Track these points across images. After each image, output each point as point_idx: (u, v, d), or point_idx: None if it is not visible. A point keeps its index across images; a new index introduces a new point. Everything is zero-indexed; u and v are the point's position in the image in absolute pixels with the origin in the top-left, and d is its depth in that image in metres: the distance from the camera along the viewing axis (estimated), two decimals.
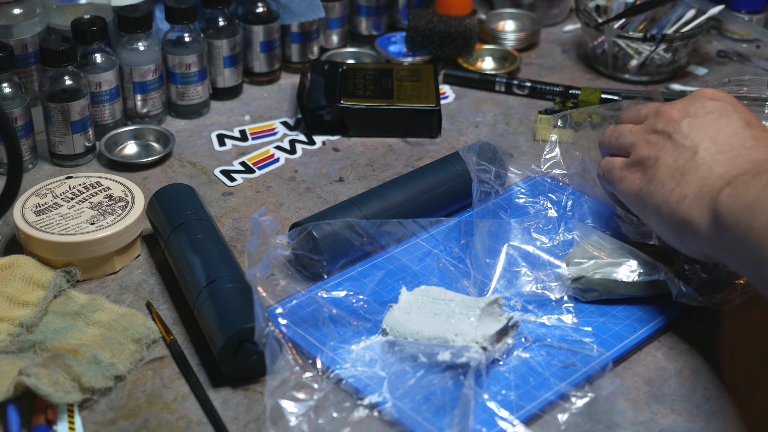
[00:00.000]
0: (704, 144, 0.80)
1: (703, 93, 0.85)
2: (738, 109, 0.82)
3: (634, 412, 0.76)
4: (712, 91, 0.85)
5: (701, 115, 0.82)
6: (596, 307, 0.85)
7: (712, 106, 0.82)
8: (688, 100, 0.84)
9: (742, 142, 0.79)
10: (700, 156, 0.79)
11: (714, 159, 0.78)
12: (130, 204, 0.92)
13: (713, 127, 0.80)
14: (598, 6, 1.27)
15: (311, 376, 0.77)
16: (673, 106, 0.84)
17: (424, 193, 0.96)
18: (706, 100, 0.83)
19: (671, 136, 0.82)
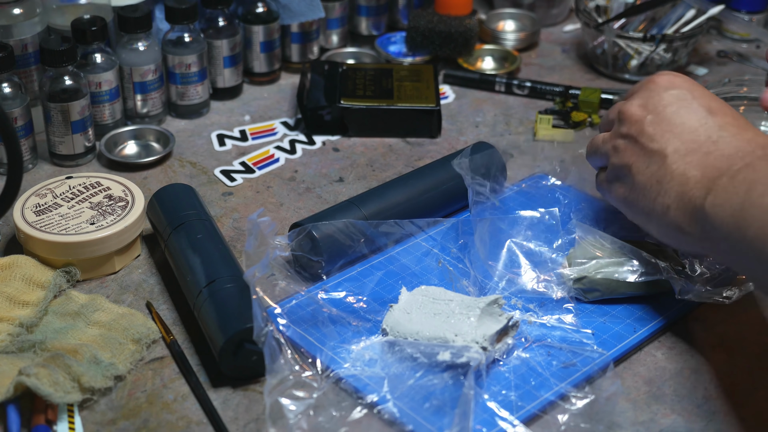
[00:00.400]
0: (672, 145, 0.78)
1: (659, 82, 0.82)
2: (697, 95, 0.80)
3: (634, 412, 0.76)
4: (668, 78, 0.82)
5: (661, 109, 0.80)
6: (596, 307, 0.85)
7: (670, 98, 0.81)
8: (646, 93, 0.82)
9: (709, 134, 0.77)
10: (671, 160, 0.78)
11: (685, 162, 0.77)
12: (130, 204, 0.92)
13: (676, 123, 0.79)
14: (598, 6, 1.27)
15: (311, 375, 0.77)
16: (632, 103, 0.82)
17: (424, 193, 0.96)
18: (663, 90, 0.81)
19: (637, 140, 0.81)
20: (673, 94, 0.81)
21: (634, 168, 0.81)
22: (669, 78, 0.82)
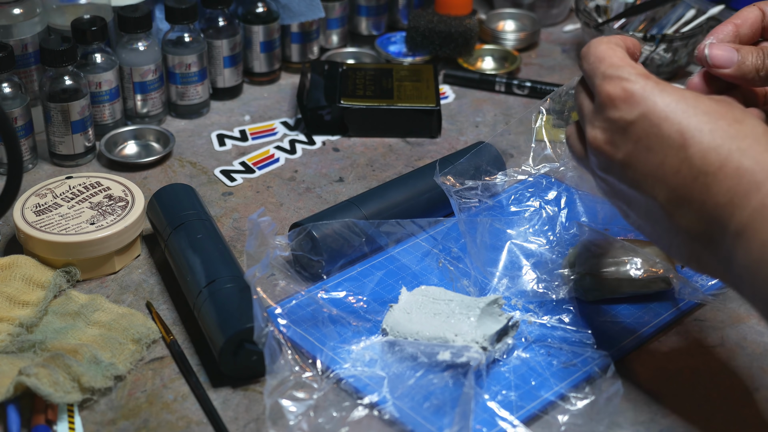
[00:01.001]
0: (661, 193, 0.66)
1: (615, 103, 0.67)
2: (660, 113, 0.66)
3: (634, 412, 0.76)
4: (622, 93, 0.67)
5: (631, 148, 0.67)
6: (596, 307, 0.85)
7: (637, 131, 0.67)
8: (606, 123, 0.68)
9: (693, 175, 0.64)
10: (668, 211, 0.66)
11: (684, 213, 0.65)
12: (130, 204, 0.92)
13: (654, 164, 0.66)
14: (598, 6, 1.27)
15: (311, 375, 0.77)
16: (596, 135, 0.69)
17: (424, 193, 0.96)
18: (624, 119, 0.67)
19: (621, 183, 0.69)
20: (637, 126, 0.66)
21: (633, 207, 0.70)
22: (622, 91, 0.67)
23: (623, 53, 0.70)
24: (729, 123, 0.64)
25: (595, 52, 0.70)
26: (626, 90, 0.67)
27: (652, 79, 0.68)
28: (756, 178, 0.62)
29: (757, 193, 0.61)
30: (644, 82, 0.67)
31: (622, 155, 0.68)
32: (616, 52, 0.70)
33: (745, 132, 0.64)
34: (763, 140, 0.63)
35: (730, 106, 0.66)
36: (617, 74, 0.68)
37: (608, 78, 0.68)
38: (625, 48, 0.72)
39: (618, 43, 0.72)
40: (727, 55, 0.73)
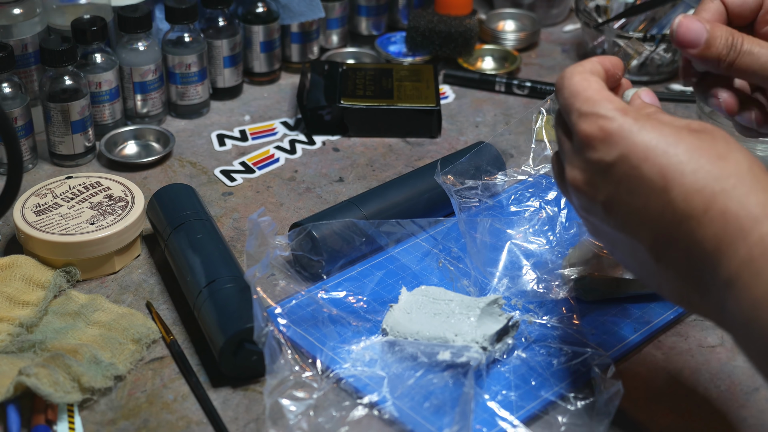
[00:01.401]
0: (646, 239, 0.63)
1: (592, 143, 0.64)
2: (640, 154, 0.62)
3: (634, 412, 0.76)
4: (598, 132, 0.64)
5: (612, 191, 0.64)
6: (596, 307, 0.85)
7: (616, 173, 0.63)
8: (584, 163, 0.65)
9: (677, 219, 0.61)
10: (654, 256, 0.64)
11: (668, 259, 0.63)
12: (130, 204, 0.92)
13: (636, 208, 0.63)
14: (598, 6, 1.27)
15: (311, 375, 0.77)
16: (575, 174, 0.66)
17: (424, 193, 0.96)
18: (602, 161, 0.64)
19: (605, 226, 0.67)
20: (617, 167, 0.63)
21: (618, 248, 0.67)
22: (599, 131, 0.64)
23: (599, 84, 0.66)
24: (712, 161, 0.61)
25: (569, 85, 0.66)
26: (604, 129, 0.63)
27: (631, 114, 0.64)
28: (742, 224, 0.58)
29: (744, 242, 0.58)
30: (622, 119, 0.63)
31: (604, 197, 0.64)
32: (591, 83, 0.66)
33: (729, 170, 0.60)
34: (748, 179, 0.60)
35: (713, 141, 0.62)
36: (593, 111, 0.64)
37: (584, 116, 0.64)
38: (604, 71, 0.69)
39: (594, 69, 0.68)
40: (695, 33, 0.71)
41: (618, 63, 0.71)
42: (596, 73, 0.68)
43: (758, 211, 0.58)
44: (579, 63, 0.68)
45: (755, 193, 0.59)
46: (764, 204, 0.59)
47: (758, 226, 0.58)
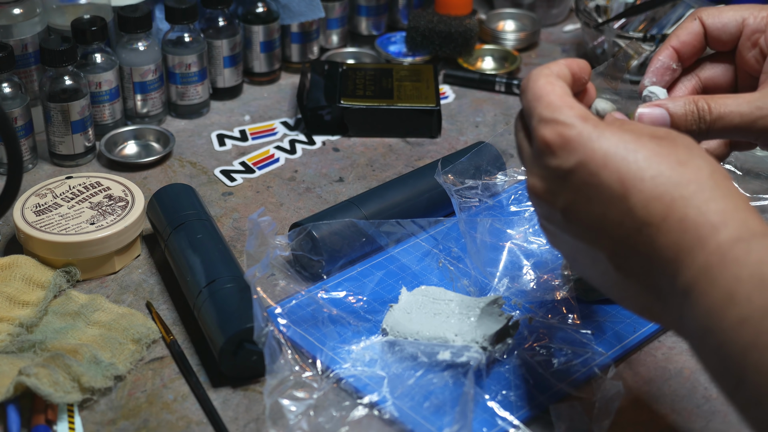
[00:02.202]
0: (606, 248, 0.62)
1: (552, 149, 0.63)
2: (599, 161, 0.61)
3: (634, 412, 0.76)
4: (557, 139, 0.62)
5: (570, 199, 0.63)
6: (597, 307, 0.85)
7: (575, 181, 0.62)
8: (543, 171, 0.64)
9: (636, 227, 0.60)
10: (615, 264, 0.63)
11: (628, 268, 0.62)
12: (130, 204, 0.92)
13: (595, 216, 0.62)
14: (598, 6, 1.27)
15: (311, 375, 0.77)
16: (535, 182, 0.65)
17: (424, 193, 0.96)
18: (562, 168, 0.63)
19: (558, 236, 0.66)
20: (576, 174, 0.62)
21: (578, 258, 0.66)
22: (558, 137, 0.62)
23: (562, 89, 0.65)
24: (672, 167, 0.60)
25: (534, 88, 0.65)
26: (563, 135, 0.62)
27: (591, 121, 0.62)
28: (700, 233, 0.58)
29: (702, 250, 0.57)
30: (581, 126, 0.62)
31: (562, 205, 0.63)
32: (555, 88, 0.64)
33: (689, 176, 0.59)
34: (708, 185, 0.59)
35: (674, 146, 0.61)
36: (553, 117, 0.63)
37: (544, 121, 0.63)
38: (571, 74, 0.68)
39: (560, 73, 0.67)
40: (660, 119, 0.70)
41: (585, 66, 0.70)
42: (562, 77, 0.67)
43: (717, 219, 0.58)
44: (546, 65, 0.67)
45: (715, 200, 0.58)
46: (723, 211, 0.58)
47: (716, 234, 0.57)
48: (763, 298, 0.54)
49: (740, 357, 0.54)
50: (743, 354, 0.54)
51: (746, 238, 0.57)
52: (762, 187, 0.96)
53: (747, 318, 0.54)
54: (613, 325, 0.83)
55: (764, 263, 0.55)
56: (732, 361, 0.55)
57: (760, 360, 0.53)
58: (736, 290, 0.55)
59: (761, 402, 0.54)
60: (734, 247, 0.57)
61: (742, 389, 0.55)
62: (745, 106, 0.69)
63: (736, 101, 0.70)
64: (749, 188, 0.96)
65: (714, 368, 0.58)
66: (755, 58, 0.75)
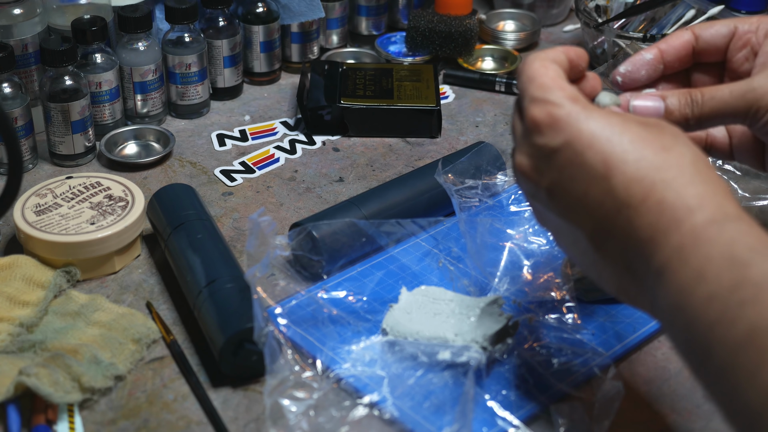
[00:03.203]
0: (586, 225, 0.64)
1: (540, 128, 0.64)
2: (585, 140, 0.62)
3: (634, 412, 0.76)
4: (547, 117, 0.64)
5: (555, 177, 0.64)
6: (596, 307, 0.85)
7: (560, 159, 0.63)
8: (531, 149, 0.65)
9: (616, 207, 0.61)
10: (595, 245, 0.64)
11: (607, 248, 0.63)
12: (130, 204, 0.92)
13: (577, 195, 0.63)
14: (598, 6, 1.27)
15: (311, 375, 0.77)
16: (522, 160, 0.66)
17: (424, 193, 0.96)
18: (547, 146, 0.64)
19: (542, 214, 0.68)
20: (562, 153, 0.63)
21: (561, 236, 0.68)
22: (547, 116, 0.64)
23: (556, 72, 0.66)
24: (655, 152, 0.61)
25: (528, 70, 0.66)
26: (551, 115, 0.63)
27: (581, 103, 0.64)
28: (676, 215, 0.59)
29: (677, 231, 0.59)
30: (570, 107, 0.63)
31: (547, 183, 0.65)
32: (548, 70, 0.66)
33: (671, 162, 0.61)
34: (689, 170, 0.61)
35: (660, 132, 0.63)
36: (544, 97, 0.64)
37: (535, 101, 0.64)
38: (568, 61, 0.69)
39: (556, 58, 0.68)
40: (653, 110, 0.71)
41: (582, 54, 0.71)
42: (558, 62, 0.68)
43: (693, 202, 0.59)
44: (543, 50, 0.69)
45: (694, 184, 0.60)
46: (701, 195, 0.59)
47: (692, 216, 0.59)
48: (731, 276, 0.56)
49: (707, 332, 0.56)
50: (710, 329, 0.56)
51: (720, 220, 0.58)
52: (762, 187, 0.96)
53: (715, 294, 0.56)
54: (613, 325, 0.83)
55: (735, 243, 0.57)
56: (699, 337, 0.56)
57: (726, 334, 0.55)
58: (706, 268, 0.57)
59: (724, 375, 0.55)
60: (708, 228, 0.58)
61: (707, 364, 0.56)
62: (736, 87, 0.71)
63: (727, 85, 0.71)
64: (749, 188, 0.96)
65: (683, 346, 0.59)
66: (745, 57, 0.76)
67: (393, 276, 0.88)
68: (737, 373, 0.54)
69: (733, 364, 0.54)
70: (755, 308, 0.54)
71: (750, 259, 0.56)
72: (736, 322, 0.55)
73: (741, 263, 0.56)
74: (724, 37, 0.76)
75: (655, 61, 0.76)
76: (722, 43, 0.76)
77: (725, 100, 0.71)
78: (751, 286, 0.55)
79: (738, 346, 0.54)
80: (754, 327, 0.54)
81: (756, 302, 0.55)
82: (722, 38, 0.76)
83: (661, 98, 0.72)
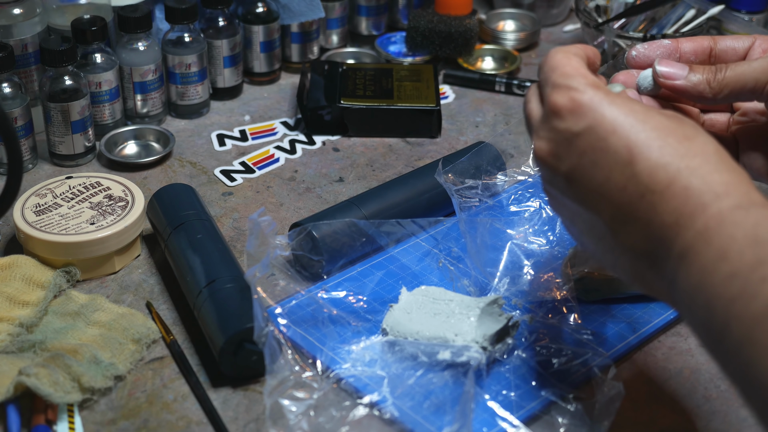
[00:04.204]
0: (606, 211, 0.64)
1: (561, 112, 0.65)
2: (608, 126, 0.63)
3: (634, 412, 0.76)
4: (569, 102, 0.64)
5: (576, 161, 0.64)
6: (597, 307, 0.85)
7: (582, 144, 0.64)
8: (551, 133, 0.66)
9: (639, 192, 0.62)
10: (613, 230, 0.64)
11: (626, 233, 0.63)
12: (130, 204, 0.92)
13: (599, 181, 0.63)
14: (598, 6, 1.27)
15: (311, 375, 0.77)
16: (541, 144, 0.67)
17: (424, 193, 0.96)
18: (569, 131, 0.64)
19: (564, 198, 0.67)
20: (583, 138, 0.64)
21: (576, 222, 0.68)
22: (570, 101, 0.65)
23: (579, 62, 0.67)
24: (679, 140, 0.62)
25: (550, 61, 0.68)
26: (574, 100, 0.64)
27: (603, 89, 0.65)
28: (702, 200, 0.60)
29: (702, 215, 0.59)
30: (593, 92, 0.64)
31: (566, 168, 0.65)
32: (571, 61, 0.67)
33: (695, 150, 0.62)
34: (713, 159, 0.62)
35: (681, 123, 0.64)
36: (566, 83, 0.65)
37: (557, 87, 0.65)
38: (585, 57, 0.70)
39: (577, 52, 0.69)
40: (676, 69, 0.72)
41: (597, 54, 0.72)
42: (579, 56, 0.69)
43: (720, 189, 0.60)
44: (563, 47, 0.70)
45: (719, 172, 0.61)
46: (727, 183, 0.60)
47: (718, 202, 0.59)
48: (753, 254, 0.56)
49: (726, 308, 0.56)
50: (730, 305, 0.56)
51: (746, 206, 0.59)
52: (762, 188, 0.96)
53: (737, 272, 0.56)
54: (613, 325, 0.83)
55: (760, 225, 0.57)
56: (718, 313, 0.57)
57: (744, 310, 0.55)
58: (729, 247, 0.57)
59: (741, 350, 0.56)
60: (734, 212, 0.59)
61: (725, 341, 0.57)
62: (756, 63, 0.72)
63: (748, 62, 0.72)
64: None
65: (700, 324, 0.59)
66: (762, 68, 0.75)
67: (393, 276, 0.88)
68: (754, 347, 0.55)
69: (750, 338, 0.55)
70: None
71: None
72: (756, 298, 0.55)
73: (765, 242, 0.57)
74: (744, 45, 0.76)
75: (672, 47, 0.77)
76: (742, 48, 0.76)
77: (746, 71, 0.72)
78: None
79: (756, 321, 0.55)
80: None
81: None
82: (742, 45, 0.76)
83: (686, 65, 0.72)
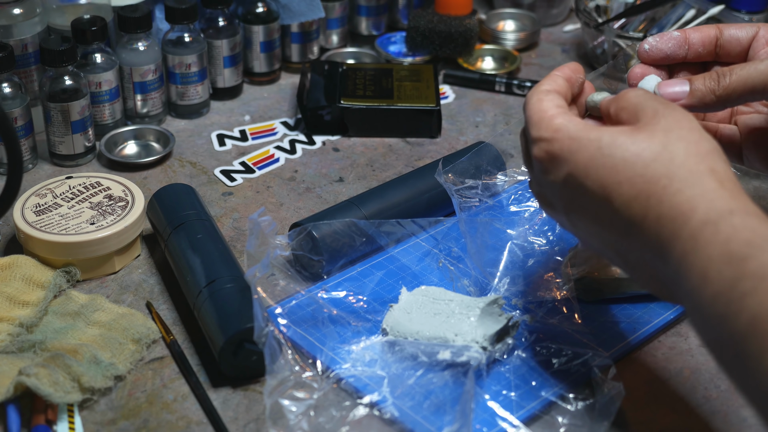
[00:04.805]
0: (595, 242, 0.69)
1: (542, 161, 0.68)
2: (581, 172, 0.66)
3: (634, 412, 0.76)
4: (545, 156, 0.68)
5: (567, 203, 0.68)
6: (597, 307, 0.85)
7: (568, 192, 0.67)
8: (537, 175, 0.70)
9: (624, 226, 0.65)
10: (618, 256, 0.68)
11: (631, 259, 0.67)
12: (130, 204, 0.92)
13: (589, 218, 0.67)
14: (598, 6, 1.27)
15: (311, 375, 0.77)
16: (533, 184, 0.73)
17: (424, 193, 0.96)
18: (552, 178, 0.68)
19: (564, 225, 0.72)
20: (567, 186, 0.67)
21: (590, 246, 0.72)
22: (546, 154, 0.68)
23: (551, 102, 0.69)
24: (645, 164, 0.64)
25: (527, 110, 0.71)
26: (549, 152, 0.68)
27: (571, 131, 0.67)
28: (674, 225, 0.62)
29: (678, 241, 0.62)
30: (561, 141, 0.67)
31: (563, 210, 0.70)
32: (542, 104, 0.70)
33: (660, 172, 0.63)
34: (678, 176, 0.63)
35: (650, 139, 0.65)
36: (539, 135, 0.68)
37: (534, 141, 0.69)
38: (565, 80, 0.72)
39: (551, 87, 0.71)
40: (678, 89, 0.74)
41: (577, 67, 0.74)
42: (553, 90, 0.71)
43: (686, 207, 0.62)
44: (539, 83, 0.72)
45: (682, 190, 0.62)
46: (691, 198, 0.62)
47: (688, 223, 0.61)
48: (730, 272, 0.59)
49: (718, 328, 0.59)
50: (720, 324, 0.59)
51: (714, 220, 0.61)
52: (762, 187, 0.96)
53: (719, 292, 0.59)
54: (613, 325, 0.83)
55: (731, 240, 0.60)
56: (712, 332, 0.60)
57: (732, 327, 0.58)
58: (708, 269, 0.60)
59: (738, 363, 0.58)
60: (704, 230, 0.61)
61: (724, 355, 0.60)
62: (762, 65, 0.72)
63: (752, 62, 0.73)
64: (749, 188, 0.96)
65: (706, 340, 0.62)
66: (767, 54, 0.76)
67: (393, 276, 0.88)
68: (746, 360, 0.57)
69: (742, 353, 0.57)
70: (755, 298, 0.57)
71: (747, 253, 0.59)
72: (740, 314, 0.57)
73: (739, 258, 0.59)
74: (748, 34, 0.77)
75: (681, 39, 0.78)
76: (745, 38, 0.77)
77: (752, 74, 0.72)
78: (750, 279, 0.58)
79: (743, 336, 0.57)
80: (756, 316, 0.57)
81: (755, 293, 0.57)
82: (746, 34, 0.77)
83: (687, 81, 0.74)
